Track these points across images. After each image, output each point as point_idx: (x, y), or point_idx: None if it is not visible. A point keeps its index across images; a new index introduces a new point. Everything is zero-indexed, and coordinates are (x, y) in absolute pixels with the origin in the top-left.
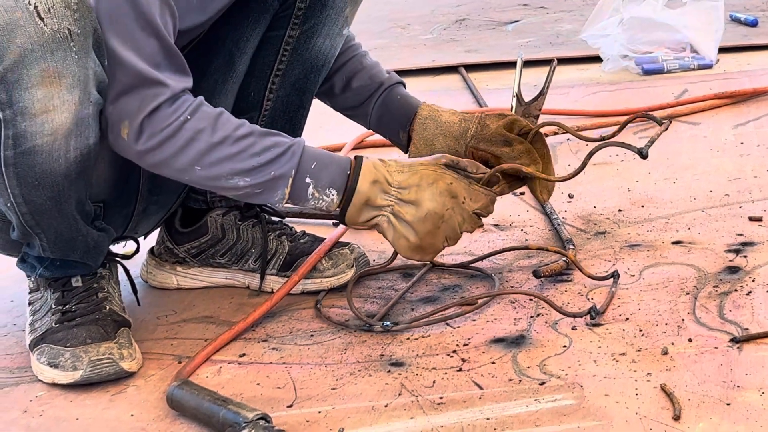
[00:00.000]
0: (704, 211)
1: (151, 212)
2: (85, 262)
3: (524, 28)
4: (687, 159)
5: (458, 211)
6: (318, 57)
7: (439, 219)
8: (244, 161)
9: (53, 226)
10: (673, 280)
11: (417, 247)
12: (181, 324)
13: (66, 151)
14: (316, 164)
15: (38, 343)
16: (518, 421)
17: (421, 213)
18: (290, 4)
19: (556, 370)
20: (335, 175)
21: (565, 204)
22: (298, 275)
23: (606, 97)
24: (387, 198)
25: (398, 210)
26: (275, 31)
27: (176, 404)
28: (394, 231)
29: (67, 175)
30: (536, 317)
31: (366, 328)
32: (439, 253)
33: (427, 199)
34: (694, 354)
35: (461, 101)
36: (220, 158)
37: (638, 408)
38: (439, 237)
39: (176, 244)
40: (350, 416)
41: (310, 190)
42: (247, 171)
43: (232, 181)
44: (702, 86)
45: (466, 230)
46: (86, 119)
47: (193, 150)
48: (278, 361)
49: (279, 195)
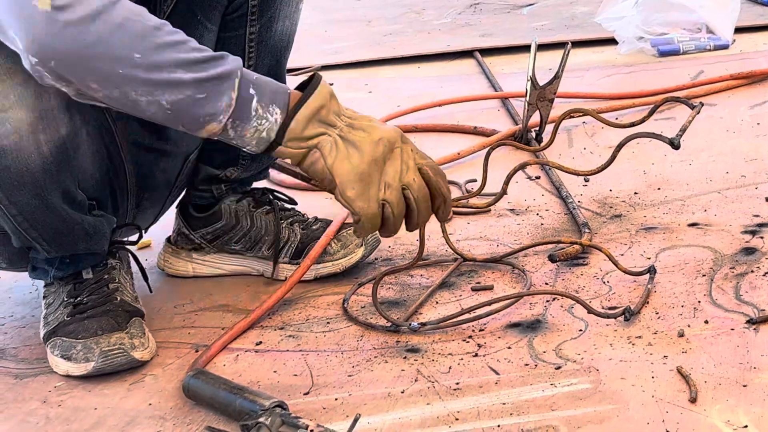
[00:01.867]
0: (720, 192)
1: (145, 207)
2: (92, 251)
3: (539, 11)
4: (703, 140)
5: (405, 156)
6: (281, 39)
7: (389, 149)
8: (187, 53)
9: (46, 223)
10: (690, 262)
11: (361, 175)
12: (198, 313)
13: (37, 146)
14: (257, 77)
15: (51, 336)
16: (534, 405)
17: (374, 137)
18: (241, 3)
19: (572, 354)
20: (278, 92)
21: (580, 187)
22: (309, 260)
23: (621, 80)
24: (337, 119)
25: (348, 132)
26: (234, 31)
27: (192, 394)
28: (337, 152)
29: (46, 169)
30: (552, 301)
31: (393, 329)
32: (374, 203)
33: (379, 130)
34: (711, 336)
35: (476, 86)
36: (159, 44)
37: (654, 391)
38: (380, 176)
39: (192, 230)
40: (367, 403)
41: (254, 104)
42: (192, 62)
43: (176, 74)
44: (718, 67)
45: (408, 183)
46: (50, 111)
47: (130, 31)
48: (295, 349)
49: (225, 101)
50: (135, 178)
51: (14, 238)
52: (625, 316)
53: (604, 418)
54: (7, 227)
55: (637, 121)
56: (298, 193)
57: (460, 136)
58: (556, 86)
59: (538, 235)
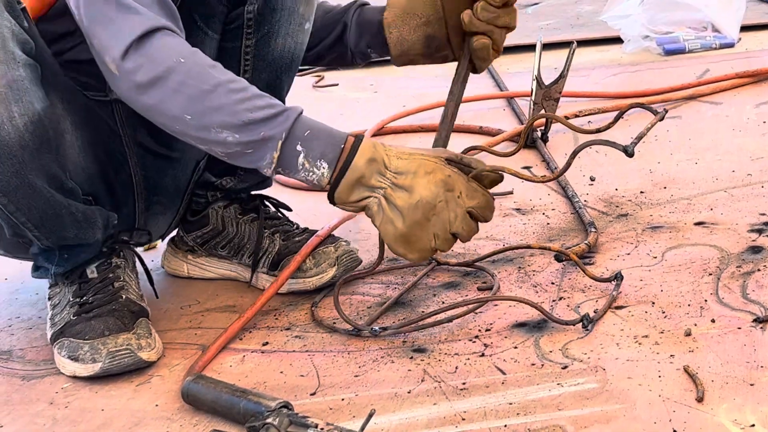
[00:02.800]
0: (727, 191)
1: (156, 212)
2: (85, 241)
3: (544, 11)
4: (709, 139)
5: (452, 206)
6: (283, 56)
7: (430, 209)
8: (235, 115)
9: (31, 205)
10: (696, 261)
11: (403, 237)
12: (204, 314)
13: (10, 117)
14: (310, 133)
15: (58, 336)
16: (541, 405)
17: (413, 199)
18: (238, 14)
19: (579, 354)
20: (328, 147)
21: (586, 187)
22: (283, 276)
23: (627, 79)
24: (381, 180)
25: (390, 194)
26: (231, 42)
27: (192, 399)
28: (383, 215)
29: (23, 145)
30: (558, 301)
31: (354, 333)
32: (426, 252)
33: (421, 186)
34: (717, 335)
35: (481, 85)
36: (210, 107)
37: (661, 390)
38: (428, 230)
39: (186, 232)
40: (373, 403)
41: (301, 159)
42: (237, 126)
43: (222, 135)
44: (724, 65)
45: (457, 231)
46: (20, 81)
47: (184, 95)
48: (301, 349)
49: (268, 159)
50: (143, 182)
51: (5, 226)
52: (583, 324)
53: (611, 418)
54: None
55: (602, 128)
56: (303, 194)
57: (465, 135)
58: (562, 85)
59: (544, 234)
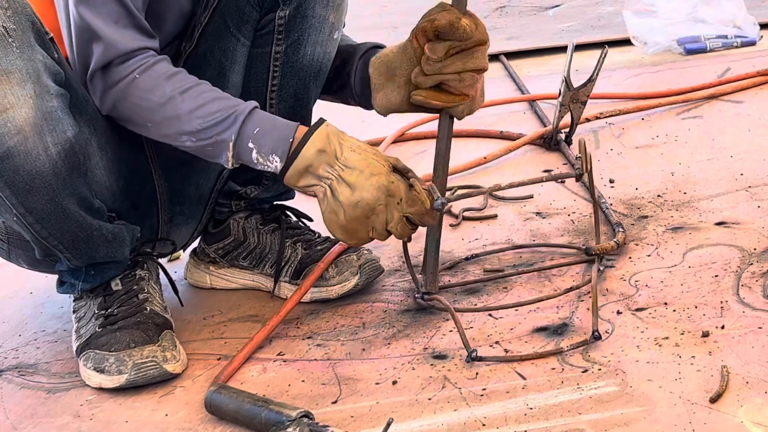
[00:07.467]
0: (748, 190)
1: (179, 222)
2: (113, 259)
3: (565, 12)
4: (730, 138)
5: (391, 209)
6: (312, 65)
7: (369, 210)
8: (189, 123)
9: (63, 229)
10: (717, 261)
11: (342, 227)
12: (227, 324)
13: (45, 148)
14: (260, 130)
15: (84, 348)
16: (561, 409)
17: (354, 198)
18: (269, 20)
19: (599, 357)
20: (277, 142)
21: (607, 189)
22: (304, 287)
23: (649, 79)
24: (329, 171)
25: (336, 187)
26: (261, 48)
27: (215, 409)
28: (327, 204)
29: (57, 173)
30: (579, 304)
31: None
32: (363, 241)
33: (364, 188)
34: (738, 335)
35: (503, 89)
36: (166, 118)
37: (681, 392)
38: (365, 227)
39: (207, 244)
40: (394, 410)
41: (254, 155)
42: (192, 132)
43: (181, 140)
44: (745, 64)
45: (392, 230)
46: (53, 112)
47: (142, 109)
48: (322, 358)
49: (224, 157)
50: (167, 193)
51: (36, 249)
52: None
53: (631, 421)
54: (28, 237)
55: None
56: None
57: (486, 140)
58: (590, 89)
59: (568, 238)
